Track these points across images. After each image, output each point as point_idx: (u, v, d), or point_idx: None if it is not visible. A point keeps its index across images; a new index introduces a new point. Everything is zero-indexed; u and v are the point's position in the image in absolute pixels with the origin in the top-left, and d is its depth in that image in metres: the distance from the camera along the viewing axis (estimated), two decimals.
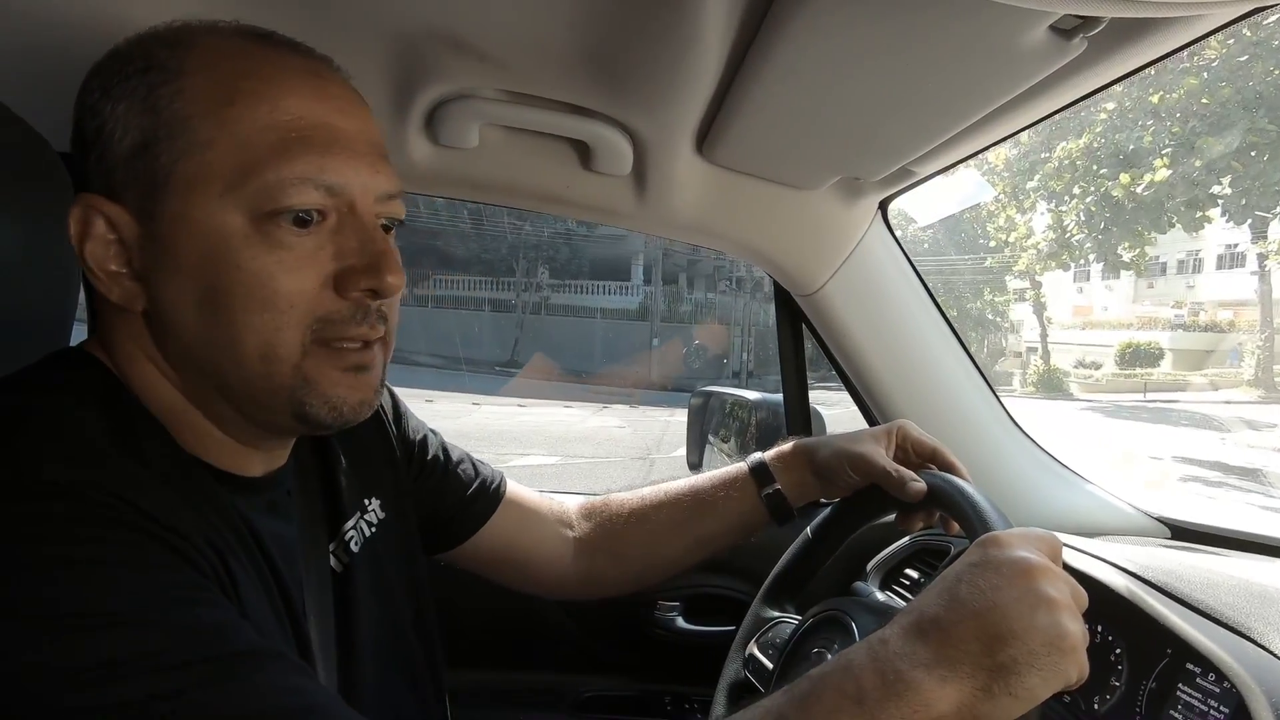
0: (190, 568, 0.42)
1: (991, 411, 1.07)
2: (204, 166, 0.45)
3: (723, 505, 0.81)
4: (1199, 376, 16.22)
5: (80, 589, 0.37)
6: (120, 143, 0.46)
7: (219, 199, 0.45)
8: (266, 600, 0.49)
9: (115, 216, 0.46)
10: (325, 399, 0.49)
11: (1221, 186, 10.78)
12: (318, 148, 0.47)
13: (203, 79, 0.46)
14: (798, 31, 0.56)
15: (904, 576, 1.02)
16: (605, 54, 0.69)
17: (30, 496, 0.38)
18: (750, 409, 1.30)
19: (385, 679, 0.62)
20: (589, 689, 1.19)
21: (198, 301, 0.46)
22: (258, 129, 0.46)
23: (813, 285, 1.03)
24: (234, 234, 0.45)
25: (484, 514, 0.80)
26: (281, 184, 0.45)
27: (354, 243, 0.49)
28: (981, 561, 0.49)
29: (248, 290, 0.46)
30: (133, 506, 0.40)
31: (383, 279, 0.49)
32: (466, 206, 13.63)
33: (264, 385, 0.48)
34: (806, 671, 0.67)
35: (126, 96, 0.46)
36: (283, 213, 0.46)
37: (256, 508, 0.52)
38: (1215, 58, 9.97)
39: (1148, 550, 0.85)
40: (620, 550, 0.83)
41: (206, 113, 0.45)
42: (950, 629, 0.46)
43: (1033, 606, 0.45)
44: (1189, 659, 0.64)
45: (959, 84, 0.60)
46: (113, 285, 0.47)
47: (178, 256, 0.46)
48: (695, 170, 0.88)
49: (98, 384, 0.47)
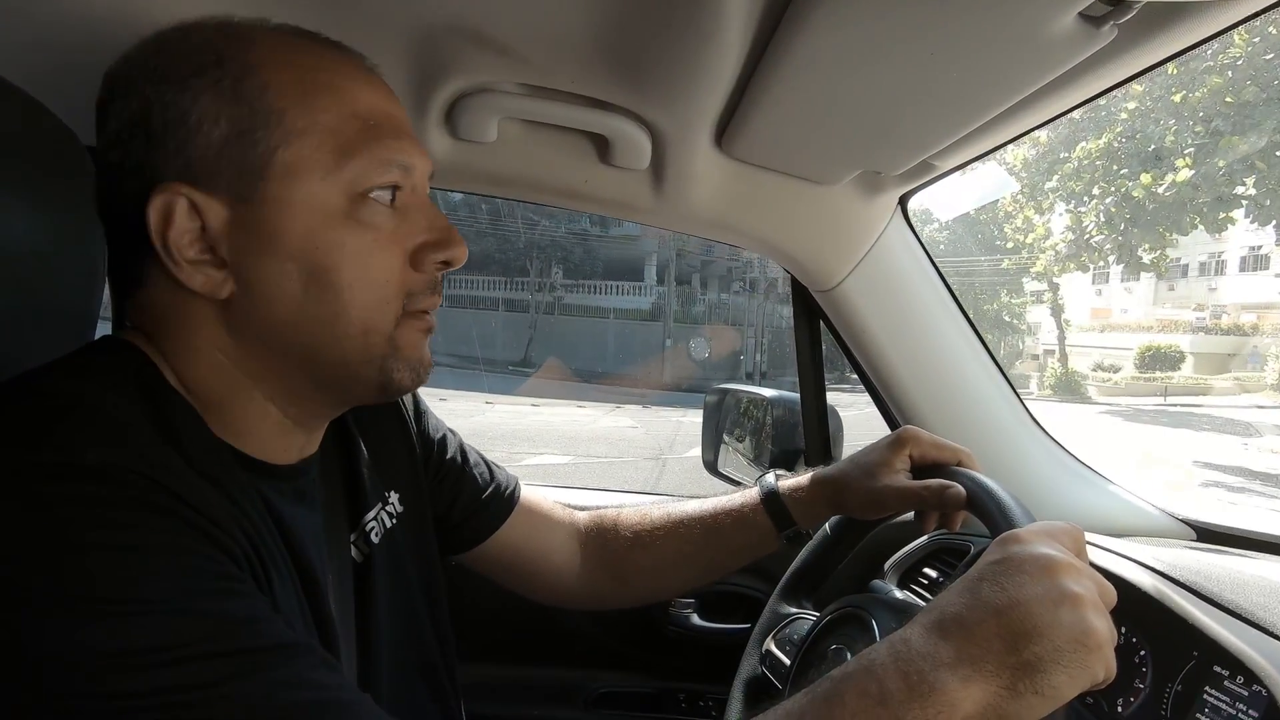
0: (225, 556, 0.42)
1: (1012, 410, 1.06)
2: (302, 153, 0.48)
3: (733, 537, 0.79)
4: (1221, 380, 15.96)
5: (117, 574, 0.37)
6: (209, 133, 0.46)
7: (320, 182, 0.48)
8: (293, 589, 0.49)
9: (203, 204, 0.47)
10: (409, 364, 0.53)
11: (1245, 187, 10.60)
12: (391, 133, 0.51)
13: (284, 73, 0.48)
14: (820, 23, 0.55)
15: (922, 575, 1.01)
16: (625, 47, 0.69)
17: (71, 478, 0.38)
18: (766, 407, 1.29)
19: (402, 670, 0.62)
20: (603, 685, 1.19)
21: (303, 281, 0.48)
22: (343, 118, 0.49)
23: (831, 281, 1.02)
24: (335, 214, 0.49)
25: (497, 519, 0.79)
26: (372, 166, 0.49)
27: (423, 220, 0.53)
28: (1003, 559, 0.48)
29: (352, 268, 0.49)
30: (170, 492, 0.40)
31: (455, 251, 0.53)
32: (481, 205, 13.71)
33: (360, 356, 0.51)
34: (825, 668, 0.67)
35: (209, 89, 0.46)
36: (372, 193, 0.49)
37: (285, 495, 0.52)
38: (1240, 55, 9.81)
39: (1174, 551, 0.83)
40: (625, 574, 0.83)
41: (296, 104, 0.48)
42: (973, 627, 0.45)
43: (1056, 602, 0.45)
44: (1217, 661, 0.62)
45: (984, 74, 0.59)
46: (194, 273, 0.47)
47: (281, 238, 0.48)
48: (714, 164, 0.88)
49: (133, 370, 0.48)
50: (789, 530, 0.78)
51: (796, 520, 0.78)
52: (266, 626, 0.41)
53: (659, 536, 0.81)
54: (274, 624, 0.42)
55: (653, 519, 0.82)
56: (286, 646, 0.41)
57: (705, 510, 0.81)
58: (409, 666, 0.64)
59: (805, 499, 0.78)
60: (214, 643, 0.38)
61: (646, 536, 0.82)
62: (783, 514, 0.78)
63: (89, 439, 0.40)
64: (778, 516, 0.78)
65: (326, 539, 0.56)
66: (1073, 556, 0.48)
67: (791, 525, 0.78)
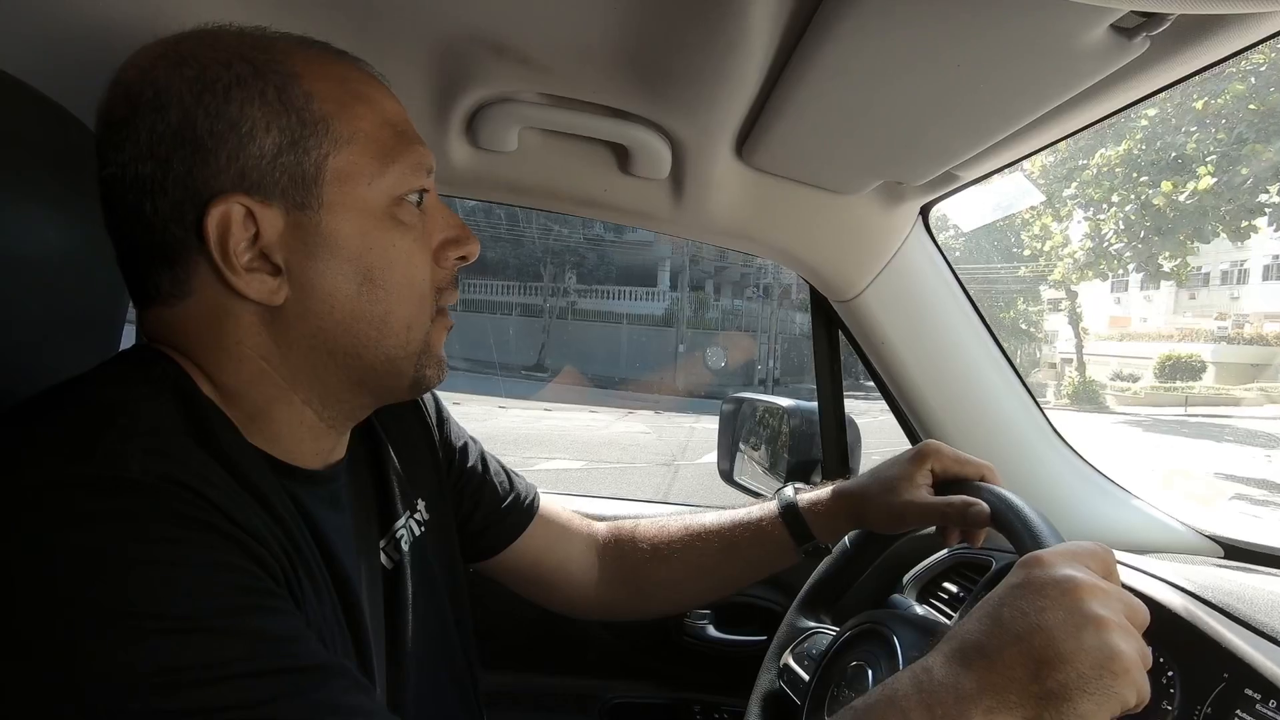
0: (263, 571, 0.42)
1: (1035, 423, 1.04)
2: (351, 159, 0.49)
3: (750, 551, 0.79)
4: (1244, 391, 15.68)
5: (160, 591, 0.37)
6: (260, 142, 0.47)
7: (368, 187, 0.50)
8: (328, 596, 0.49)
9: (259, 212, 0.47)
10: (436, 359, 0.56)
11: (1269, 195, 10.44)
12: (416, 139, 0.53)
13: (322, 83, 0.49)
14: (846, 33, 0.55)
15: (942, 590, 0.99)
16: (647, 58, 0.68)
17: (114, 492, 0.38)
18: (783, 416, 1.28)
19: (429, 678, 0.62)
20: (618, 695, 1.19)
21: (358, 281, 0.50)
22: (378, 125, 0.51)
23: (850, 291, 1.02)
24: (383, 217, 0.51)
25: (517, 529, 0.79)
26: (408, 170, 0.52)
27: (441, 219, 0.55)
28: (1024, 582, 0.47)
29: (400, 268, 0.51)
30: (211, 504, 0.40)
31: (471, 246, 0.56)
32: (497, 211, 13.79)
33: (400, 353, 0.53)
34: (844, 686, 0.66)
35: (255, 98, 0.47)
36: (406, 196, 0.52)
37: (319, 500, 0.53)
38: (1264, 62, 9.68)
39: (1202, 569, 0.81)
40: (642, 587, 0.82)
41: (339, 113, 0.49)
42: (994, 656, 0.44)
43: (1079, 626, 0.44)
44: (1248, 684, 0.61)
45: (1012, 85, 0.59)
46: (250, 281, 0.48)
47: (338, 242, 0.49)
48: (734, 174, 0.88)
49: (169, 379, 0.48)
50: (808, 545, 0.77)
51: (815, 534, 0.77)
52: (304, 647, 0.41)
53: (677, 549, 0.81)
54: (311, 644, 0.41)
55: (670, 531, 0.82)
56: (324, 667, 0.41)
57: (723, 523, 0.81)
58: (437, 675, 0.64)
59: (825, 513, 0.77)
60: (255, 662, 0.38)
61: (664, 549, 0.81)
62: (801, 528, 0.77)
63: (132, 451, 0.40)
64: (796, 530, 0.77)
65: (357, 546, 0.56)
66: (1098, 578, 0.47)
67: (810, 539, 0.77)
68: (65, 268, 0.61)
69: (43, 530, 0.37)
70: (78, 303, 0.63)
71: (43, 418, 0.42)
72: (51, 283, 0.60)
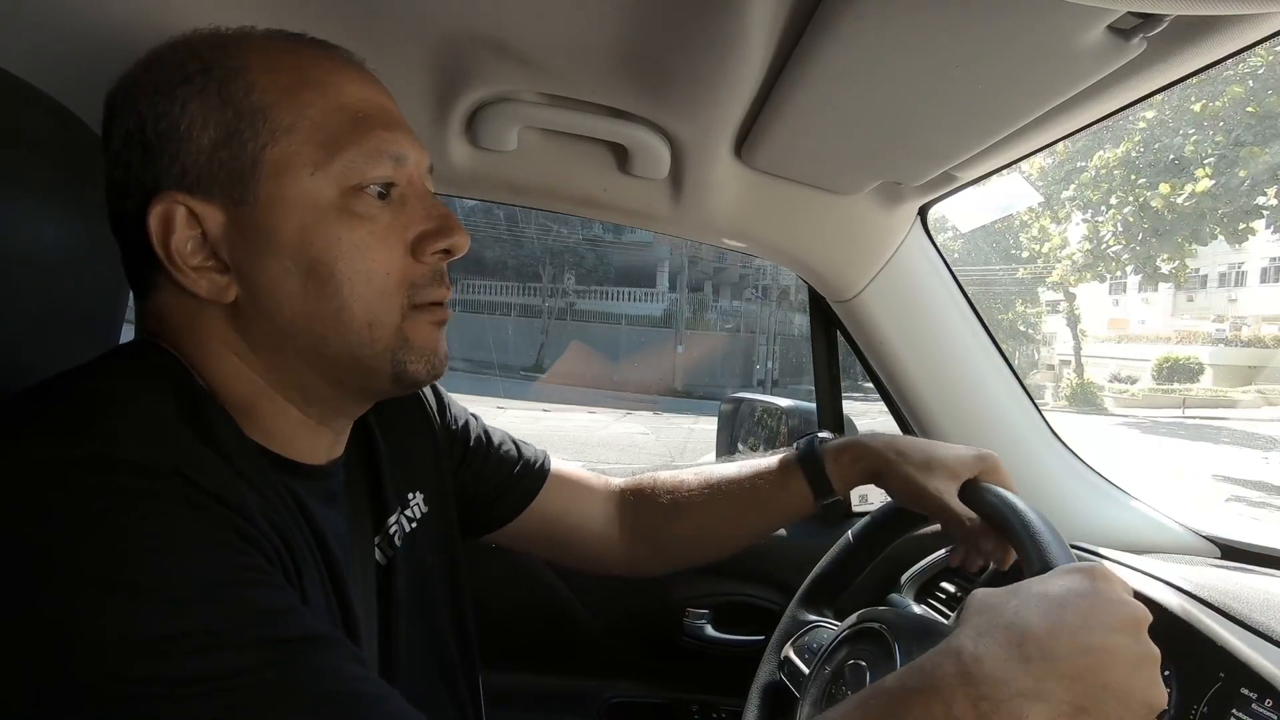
0: (257, 551, 0.42)
1: (1033, 425, 1.05)
2: (291, 150, 0.48)
3: (772, 503, 0.78)
4: (1242, 393, 15.70)
5: (154, 563, 0.38)
6: (199, 139, 0.47)
7: (310, 178, 0.48)
8: (321, 589, 0.49)
9: (200, 210, 0.47)
10: (422, 354, 0.53)
11: (1267, 197, 10.46)
12: (382, 124, 0.51)
13: (269, 74, 0.48)
14: (844, 34, 0.55)
15: (939, 590, 0.99)
16: (646, 58, 0.69)
17: (109, 470, 0.39)
18: (781, 416, 1.29)
19: (423, 675, 0.62)
20: (616, 695, 1.19)
21: (302, 277, 0.48)
22: (330, 111, 0.49)
23: (849, 292, 1.02)
24: (329, 208, 0.49)
25: (530, 493, 0.80)
26: (362, 158, 0.49)
27: (420, 210, 0.53)
28: (1089, 593, 0.46)
29: (350, 261, 0.49)
30: (201, 488, 0.41)
31: (454, 238, 0.53)
32: (495, 211, 13.79)
33: (368, 350, 0.51)
34: (842, 684, 0.66)
35: (195, 95, 0.47)
36: (365, 186, 0.49)
37: (316, 495, 0.53)
38: (1261, 64, 9.69)
39: (1199, 569, 0.82)
40: (664, 540, 0.82)
41: (282, 102, 0.48)
42: (1058, 661, 0.42)
43: (1140, 660, 0.44)
44: (1244, 683, 0.61)
45: (1009, 86, 0.59)
46: (199, 279, 0.48)
47: (277, 237, 0.48)
48: (733, 174, 0.88)
49: (167, 371, 0.48)
50: (827, 499, 0.77)
51: (834, 483, 0.76)
52: (298, 618, 0.41)
53: (696, 501, 0.81)
54: (304, 615, 0.42)
55: (689, 484, 0.82)
56: (320, 637, 0.41)
57: (743, 473, 0.80)
58: (431, 670, 0.64)
59: (848, 460, 0.76)
60: (248, 631, 0.38)
61: (684, 501, 0.81)
62: (820, 477, 0.76)
63: (127, 434, 0.41)
64: (815, 480, 0.76)
65: (351, 542, 0.56)
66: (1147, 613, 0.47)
67: (829, 490, 0.76)
68: (66, 266, 0.61)
69: (37, 505, 0.37)
70: (78, 300, 0.63)
71: (40, 403, 0.43)
72: (52, 281, 0.60)
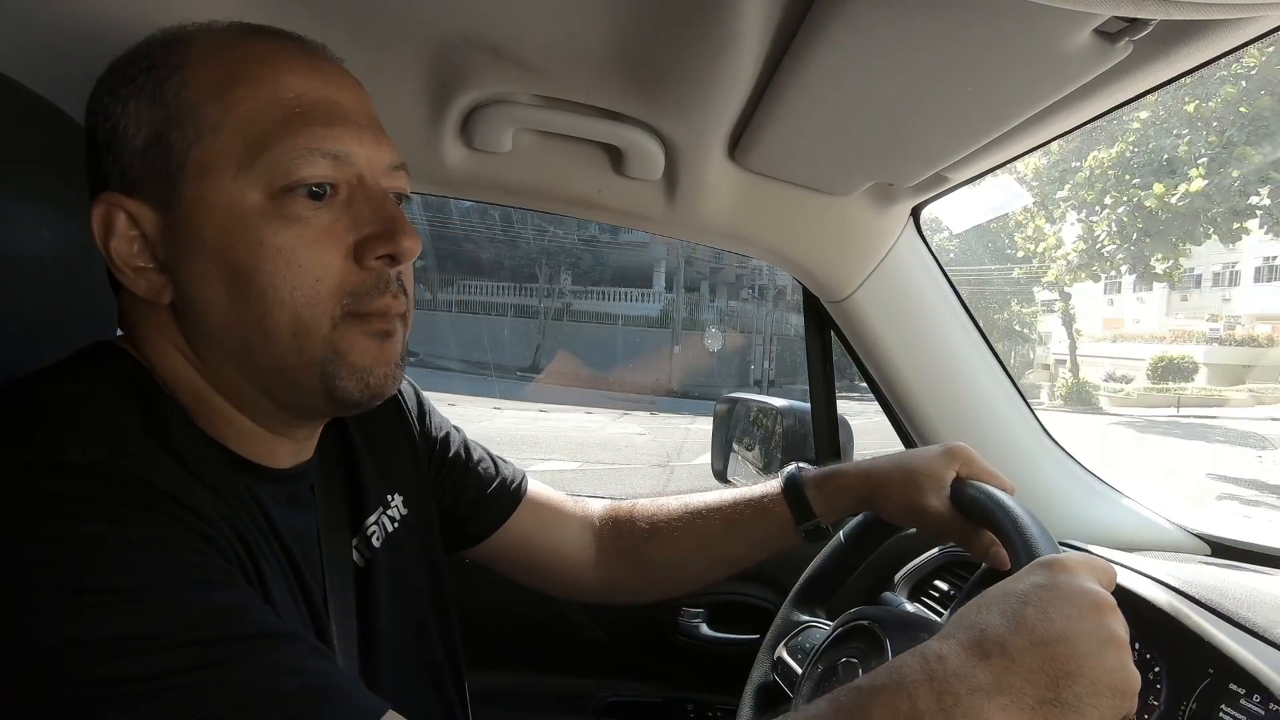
0: (212, 550, 0.42)
1: (1025, 423, 1.05)
2: (216, 149, 0.46)
3: (753, 530, 0.77)
4: (1235, 392, 15.77)
5: (104, 564, 0.38)
6: (134, 139, 0.47)
7: (234, 179, 0.46)
8: (287, 588, 0.49)
9: (135, 211, 0.47)
10: (354, 371, 0.49)
11: (1260, 197, 10.50)
12: (320, 120, 0.48)
13: (204, 68, 0.47)
14: (835, 36, 0.55)
15: (932, 588, 1.00)
16: (640, 59, 0.69)
17: (54, 475, 0.39)
18: (776, 416, 1.29)
19: (406, 676, 0.62)
20: (611, 694, 1.19)
21: (225, 282, 0.47)
22: (261, 107, 0.47)
23: (842, 292, 1.02)
24: (253, 211, 0.46)
25: (504, 512, 0.79)
26: (290, 157, 0.46)
27: (366, 212, 0.49)
28: (1050, 585, 0.46)
29: (274, 266, 0.46)
30: (157, 489, 0.41)
31: (398, 243, 0.49)
32: (492, 212, 13.77)
33: (295, 361, 0.48)
34: (835, 683, 0.66)
35: (135, 95, 0.47)
36: (296, 187, 0.47)
37: (278, 499, 0.52)
38: (1254, 65, 9.74)
39: (1189, 566, 0.82)
40: (643, 566, 0.81)
41: (211, 98, 0.47)
42: (1016, 655, 0.43)
43: (1103, 645, 0.44)
44: (1233, 679, 0.62)
45: (999, 88, 0.59)
46: (139, 279, 0.48)
47: (201, 240, 0.47)
48: (726, 175, 0.88)
49: (126, 373, 0.48)
50: (808, 524, 0.76)
51: (818, 514, 0.75)
52: (255, 615, 0.41)
53: (676, 528, 0.80)
54: (263, 613, 0.42)
55: (670, 510, 0.81)
56: (274, 634, 0.41)
57: (724, 500, 0.79)
58: (415, 671, 0.64)
59: (832, 491, 0.75)
60: (203, 630, 0.38)
61: (664, 528, 0.80)
62: (804, 506, 0.75)
63: (75, 438, 0.41)
64: (798, 508, 0.76)
65: (326, 544, 0.56)
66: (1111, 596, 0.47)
67: (811, 518, 0.75)
68: (60, 266, 0.61)
69: None
70: (72, 300, 0.63)
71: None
72: (46, 281, 0.60)
